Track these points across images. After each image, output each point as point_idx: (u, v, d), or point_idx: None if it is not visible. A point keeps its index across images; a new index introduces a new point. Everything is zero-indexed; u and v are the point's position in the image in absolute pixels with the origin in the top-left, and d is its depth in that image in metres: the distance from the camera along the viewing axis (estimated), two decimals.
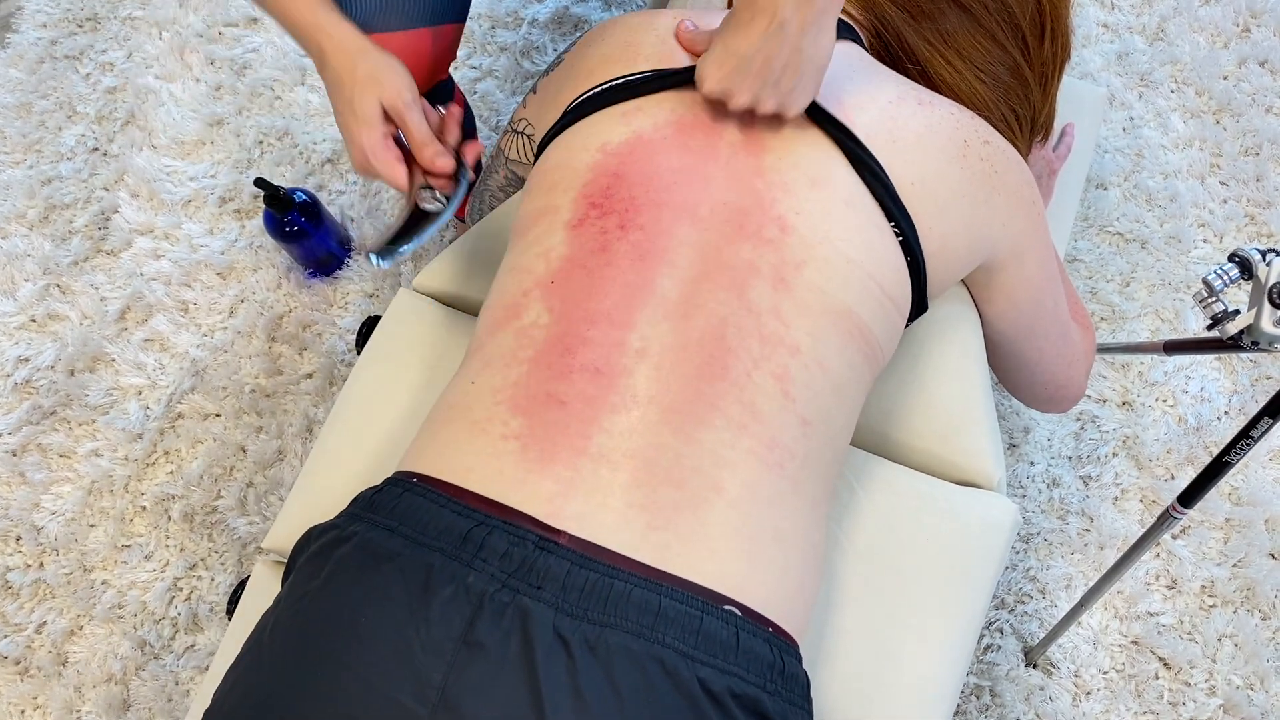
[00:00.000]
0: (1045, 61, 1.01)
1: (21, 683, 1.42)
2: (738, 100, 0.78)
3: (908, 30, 0.96)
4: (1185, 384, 1.47)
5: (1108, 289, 1.53)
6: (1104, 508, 1.41)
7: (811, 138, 0.82)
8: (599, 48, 0.91)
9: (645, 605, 0.67)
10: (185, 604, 1.44)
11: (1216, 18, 1.71)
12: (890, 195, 0.80)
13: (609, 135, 0.83)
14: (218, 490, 1.50)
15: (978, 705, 1.32)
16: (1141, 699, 1.32)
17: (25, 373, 1.59)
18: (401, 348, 1.03)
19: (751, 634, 0.69)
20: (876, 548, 0.91)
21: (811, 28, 0.74)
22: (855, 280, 0.79)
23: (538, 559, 0.68)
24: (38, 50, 1.84)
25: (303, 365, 1.56)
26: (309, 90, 1.75)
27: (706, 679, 0.66)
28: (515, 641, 0.65)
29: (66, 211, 1.71)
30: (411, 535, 0.70)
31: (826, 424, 0.78)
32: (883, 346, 0.83)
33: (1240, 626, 1.34)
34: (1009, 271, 0.93)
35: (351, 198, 1.66)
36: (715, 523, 0.71)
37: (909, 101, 0.85)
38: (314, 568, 0.72)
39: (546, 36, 1.78)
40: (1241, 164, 1.60)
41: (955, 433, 0.96)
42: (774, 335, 0.76)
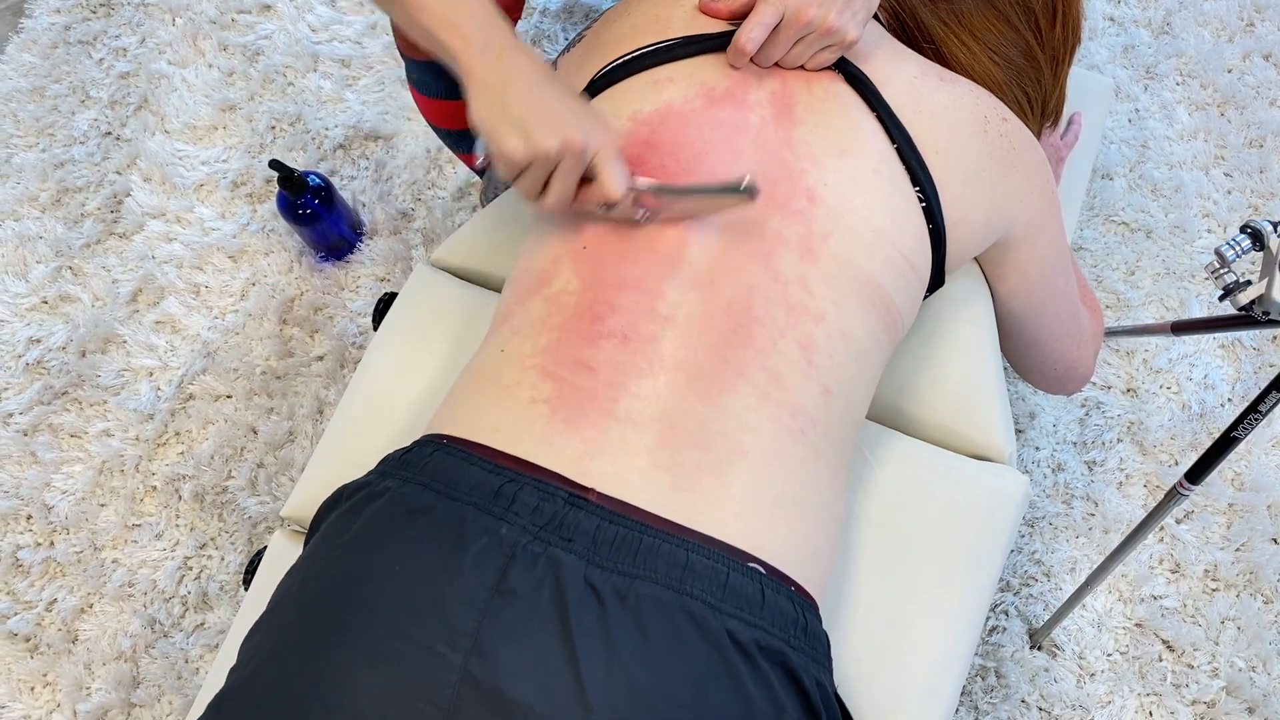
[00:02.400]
0: (1057, 45, 1.03)
1: (32, 659, 1.43)
2: (808, 12, 0.79)
3: (924, 10, 0.98)
4: (1189, 371, 1.48)
5: (1113, 277, 1.55)
6: (1109, 492, 1.42)
7: (844, 104, 0.83)
8: (627, 19, 0.92)
9: (673, 559, 0.68)
10: (195, 583, 1.45)
11: (1221, 12, 1.73)
12: (918, 159, 0.82)
13: (640, 104, 0.84)
14: (228, 471, 1.51)
15: (983, 686, 1.33)
16: (1145, 680, 1.33)
17: (37, 353, 1.60)
18: (420, 321, 1.04)
19: (775, 591, 0.71)
20: (889, 519, 0.92)
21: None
22: (880, 250, 0.80)
23: (568, 514, 0.69)
24: (51, 35, 1.85)
25: (314, 348, 1.57)
26: (321, 76, 1.76)
27: (734, 630, 0.67)
28: (548, 590, 0.66)
29: (79, 195, 1.72)
30: (444, 490, 0.71)
31: (847, 393, 0.80)
32: (904, 316, 0.85)
33: (1243, 610, 1.35)
34: (1023, 249, 0.94)
35: (363, 182, 1.67)
36: (738, 485, 0.72)
37: (931, 77, 0.87)
38: (345, 523, 0.73)
39: (558, 25, 1.79)
40: (1245, 156, 1.62)
41: (967, 407, 0.98)
42: (799, 304, 0.77)
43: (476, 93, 0.76)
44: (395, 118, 1.72)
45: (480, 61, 0.76)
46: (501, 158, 0.76)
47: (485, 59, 0.76)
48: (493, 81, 0.76)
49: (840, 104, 0.83)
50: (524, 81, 0.75)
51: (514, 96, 0.75)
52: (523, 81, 0.75)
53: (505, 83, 0.75)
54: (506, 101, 0.75)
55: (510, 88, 0.75)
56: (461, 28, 0.76)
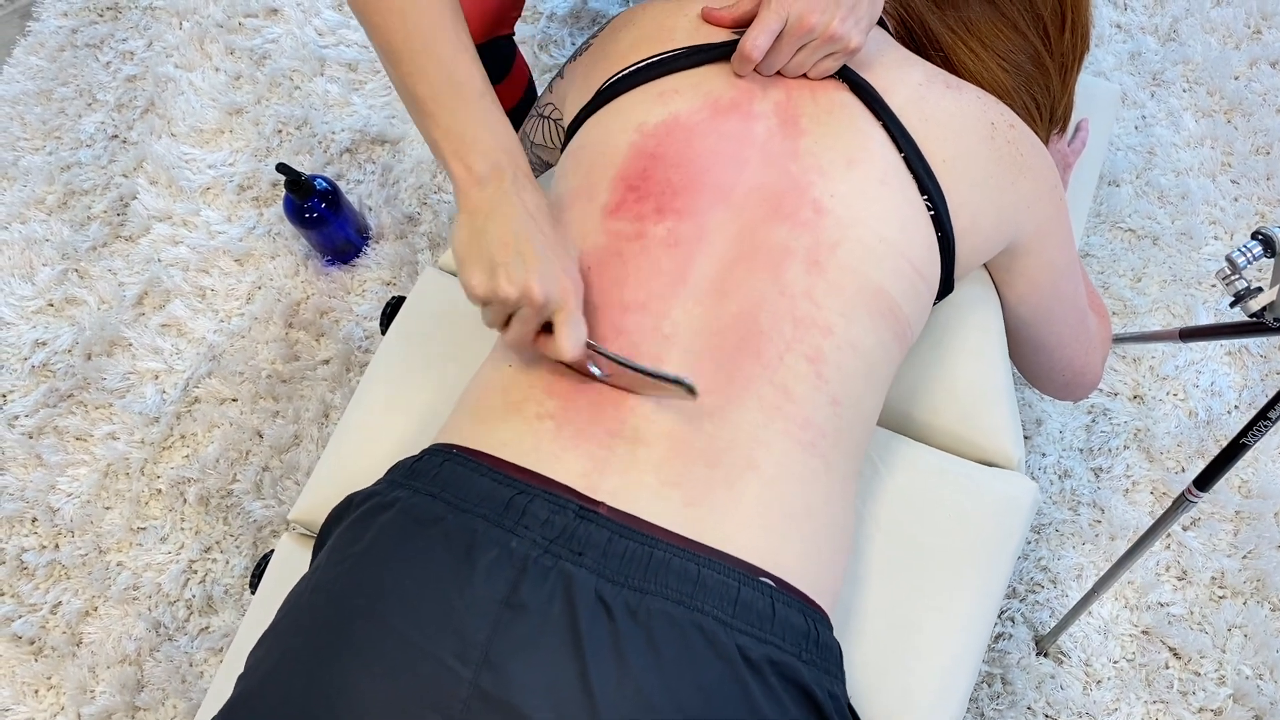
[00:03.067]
0: (1065, 52, 1.03)
1: (36, 662, 1.43)
2: (811, 18, 0.79)
3: (932, 17, 0.98)
4: (1196, 378, 1.48)
5: (1120, 284, 1.55)
6: (1115, 499, 1.42)
7: (849, 114, 0.83)
8: (632, 29, 0.92)
9: (684, 574, 0.68)
10: (200, 586, 1.45)
11: (1228, 19, 1.73)
12: (924, 167, 0.82)
13: (645, 116, 0.84)
14: (233, 474, 1.50)
15: (989, 693, 1.33)
16: (1152, 688, 1.33)
17: (43, 356, 1.60)
18: (428, 325, 1.04)
19: (786, 604, 0.70)
20: (899, 525, 0.92)
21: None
22: (888, 259, 0.80)
23: (578, 527, 0.69)
24: (59, 38, 1.86)
25: (320, 351, 1.57)
26: (328, 81, 1.76)
27: (745, 646, 0.67)
28: (558, 604, 0.66)
29: (85, 197, 1.72)
30: (454, 501, 0.71)
31: (857, 404, 0.80)
32: (912, 324, 0.84)
33: (1250, 617, 1.35)
34: (1032, 255, 0.94)
35: (370, 186, 1.67)
36: (749, 499, 0.72)
37: (937, 84, 0.87)
38: (356, 532, 0.73)
39: (564, 30, 1.79)
40: (1252, 163, 1.62)
41: (976, 412, 0.98)
42: (807, 317, 0.77)
43: (461, 220, 0.76)
44: (402, 122, 1.72)
45: (475, 192, 0.76)
46: (465, 288, 0.75)
47: (480, 191, 0.76)
48: (479, 213, 0.75)
49: (846, 113, 0.83)
50: (506, 221, 0.75)
51: (493, 234, 0.74)
52: (507, 221, 0.75)
53: (489, 218, 0.75)
54: (484, 237, 0.74)
55: (491, 224, 0.75)
56: (466, 154, 0.76)
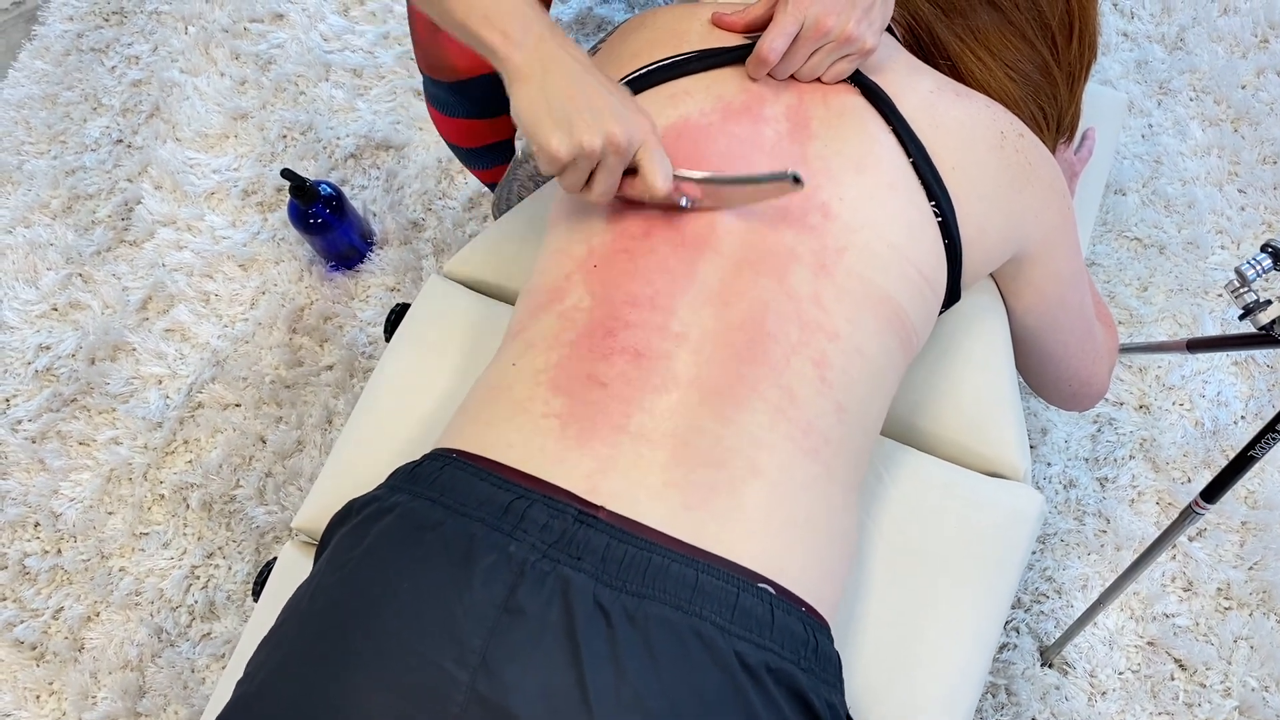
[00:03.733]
0: (1073, 61, 1.03)
1: (38, 668, 1.42)
2: (827, 21, 0.79)
3: (940, 26, 0.97)
4: (1202, 388, 1.47)
5: (1126, 293, 1.54)
6: (1120, 509, 1.41)
7: (860, 118, 0.83)
8: (644, 33, 0.92)
9: (683, 579, 0.68)
10: (202, 592, 1.45)
11: (1235, 28, 1.72)
12: (933, 174, 0.81)
13: (657, 119, 0.84)
14: (236, 480, 1.50)
15: (993, 704, 1.32)
16: (1157, 699, 1.32)
17: (46, 360, 1.60)
18: (433, 333, 1.03)
19: (786, 612, 0.70)
20: (903, 536, 0.92)
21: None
22: (895, 266, 0.80)
23: (578, 532, 0.69)
24: (64, 43, 1.86)
25: (323, 357, 1.57)
26: (333, 86, 1.77)
27: (743, 653, 0.67)
28: (556, 609, 0.66)
29: (90, 202, 1.72)
30: (453, 506, 0.70)
31: (862, 410, 0.79)
32: (918, 332, 0.84)
33: (1256, 629, 1.34)
34: (1039, 265, 0.94)
35: (374, 192, 1.67)
36: (751, 504, 0.72)
37: (947, 92, 0.87)
38: (356, 537, 0.73)
39: (571, 37, 1.79)
40: (1259, 171, 1.61)
41: (982, 423, 0.97)
42: (813, 321, 0.76)
43: (517, 87, 0.75)
44: (407, 127, 1.72)
45: (520, 54, 0.74)
46: (544, 154, 0.74)
47: (524, 52, 0.74)
48: (533, 75, 0.74)
49: (856, 118, 0.83)
50: (565, 74, 0.74)
51: (555, 91, 0.74)
52: (564, 74, 0.74)
53: (546, 76, 0.74)
54: (548, 96, 0.74)
55: (551, 81, 0.74)
56: (499, 21, 0.75)
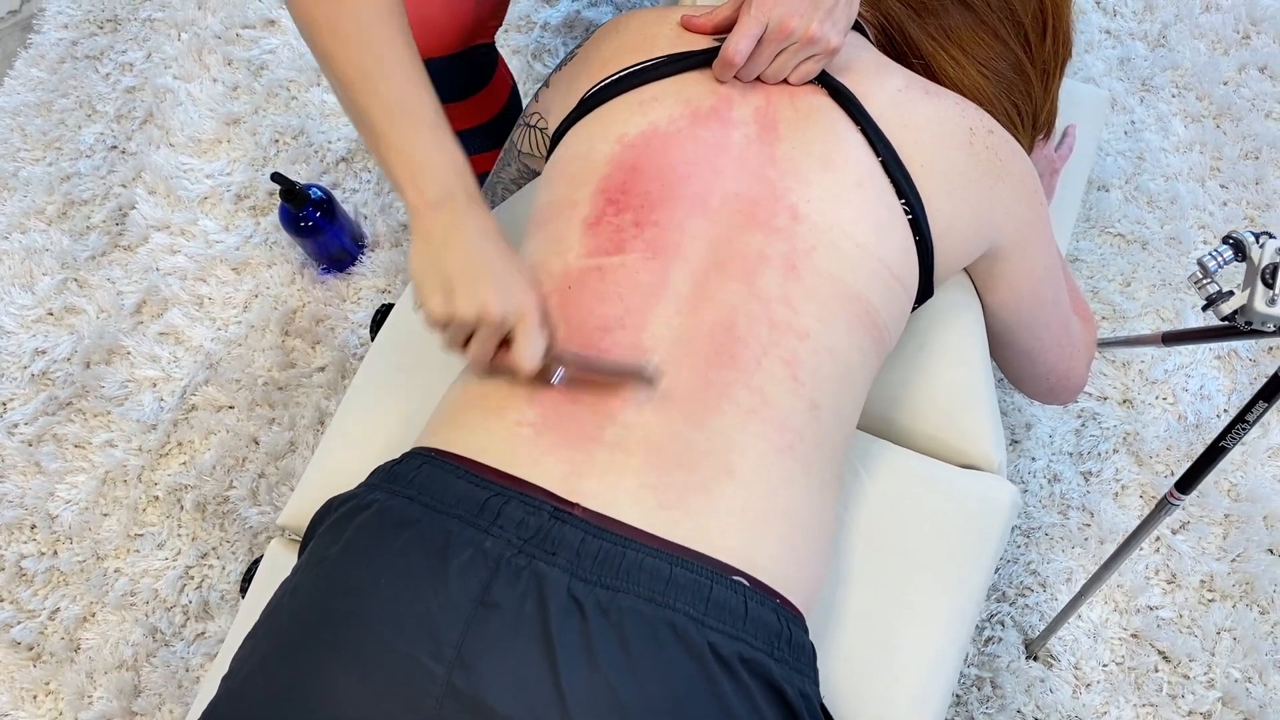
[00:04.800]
0: (1047, 58, 1.04)
1: (34, 668, 1.44)
2: (790, 22, 0.80)
3: (912, 26, 0.99)
4: (1185, 382, 1.48)
5: (1109, 289, 1.55)
6: (1104, 503, 1.42)
7: (827, 118, 0.84)
8: (615, 39, 0.93)
9: (657, 573, 0.69)
10: (196, 592, 1.46)
11: (1217, 25, 1.74)
12: (901, 172, 0.83)
13: (626, 126, 0.85)
14: (230, 481, 1.52)
15: (979, 696, 1.34)
16: (1141, 691, 1.33)
17: (42, 364, 1.61)
18: (415, 333, 1.05)
19: (759, 603, 0.71)
20: (879, 528, 0.93)
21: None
22: (864, 264, 0.81)
23: (553, 528, 0.70)
24: (59, 50, 1.88)
25: (315, 359, 1.59)
26: (324, 90, 1.78)
27: (716, 643, 0.68)
28: (531, 603, 0.67)
29: (85, 207, 1.74)
30: (430, 503, 0.72)
31: (835, 407, 0.80)
32: (890, 329, 0.85)
33: (1239, 620, 1.35)
34: (1012, 260, 0.95)
35: (365, 195, 1.69)
36: (725, 501, 0.73)
37: (916, 90, 0.88)
38: (334, 534, 0.74)
39: (558, 40, 1.81)
40: (1241, 167, 1.62)
41: (956, 416, 0.98)
42: (783, 322, 0.78)
43: (417, 244, 0.77)
44: None
45: (428, 215, 0.77)
46: (424, 311, 0.77)
47: (432, 213, 0.77)
48: (434, 237, 0.76)
49: (824, 118, 0.84)
50: (462, 243, 0.76)
51: (449, 256, 0.76)
52: (461, 243, 0.76)
53: (444, 241, 0.76)
54: (441, 260, 0.76)
55: (448, 247, 0.76)
56: (419, 177, 0.77)
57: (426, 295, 0.76)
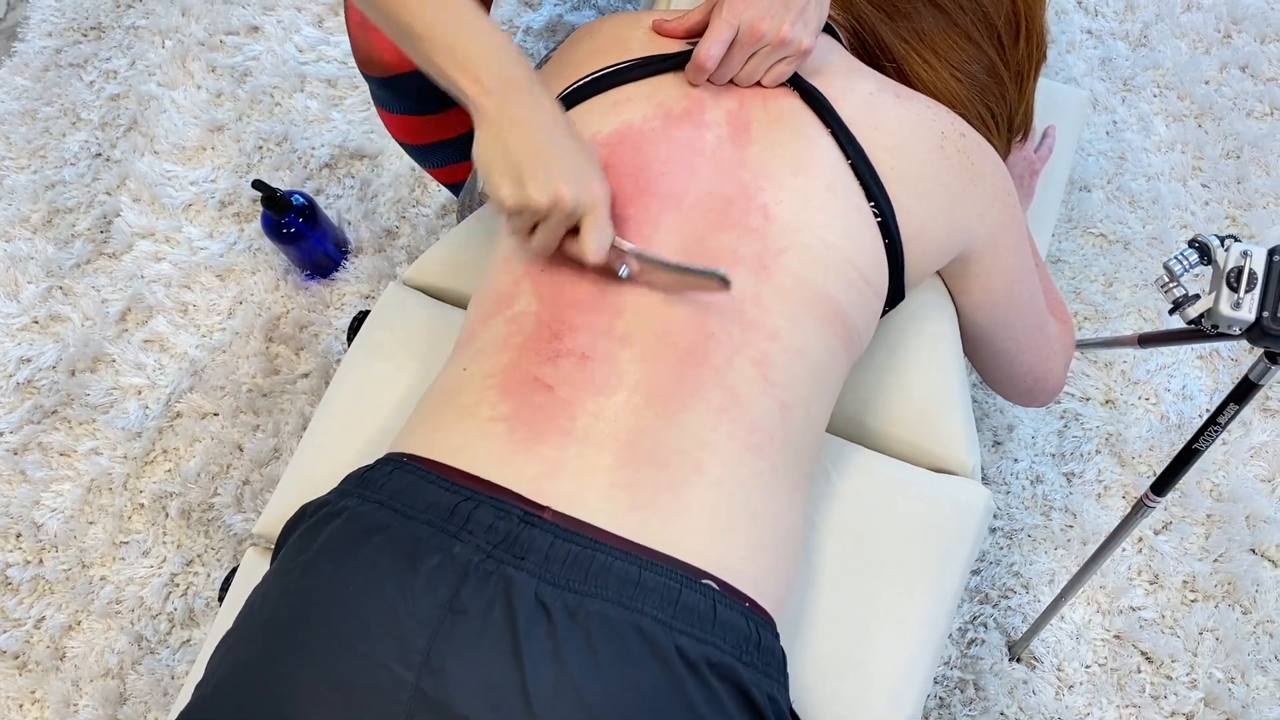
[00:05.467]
0: (1021, 61, 1.04)
1: (20, 677, 1.44)
2: (761, 25, 0.80)
3: (884, 29, 0.99)
4: (1167, 382, 1.49)
5: (1091, 289, 1.55)
6: (1087, 504, 1.42)
7: (798, 121, 0.84)
8: (589, 42, 0.94)
9: (625, 576, 0.69)
10: (182, 599, 1.46)
11: (1198, 24, 1.74)
12: (871, 175, 0.83)
13: (600, 126, 0.85)
14: (215, 488, 1.52)
15: (962, 699, 1.34)
16: (1124, 692, 1.33)
17: (27, 373, 1.62)
18: (391, 339, 1.05)
19: (729, 607, 0.71)
20: (852, 533, 0.93)
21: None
22: (834, 266, 0.81)
23: (522, 532, 0.70)
24: (43, 58, 1.88)
25: (299, 365, 1.59)
26: (308, 97, 1.78)
27: (684, 647, 0.68)
28: (499, 608, 0.67)
29: (69, 215, 1.74)
30: (400, 509, 0.72)
31: (804, 408, 0.81)
32: (860, 332, 0.85)
33: (1221, 620, 1.35)
34: (985, 263, 0.95)
35: (349, 201, 1.69)
36: (695, 502, 0.73)
37: (887, 94, 0.88)
38: (305, 541, 0.74)
39: (541, 44, 1.81)
40: (1223, 167, 1.62)
41: (930, 420, 0.98)
42: (754, 321, 0.78)
43: (481, 131, 0.76)
44: (380, 137, 1.74)
45: (490, 102, 0.75)
46: (494, 199, 0.76)
47: (495, 99, 0.75)
48: (499, 123, 0.75)
49: (795, 121, 0.85)
50: (529, 127, 0.75)
51: (516, 141, 0.75)
52: (528, 127, 0.75)
53: (510, 125, 0.75)
54: (508, 145, 0.75)
55: (514, 132, 0.75)
56: (473, 66, 0.76)
57: (497, 183, 0.75)
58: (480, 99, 0.76)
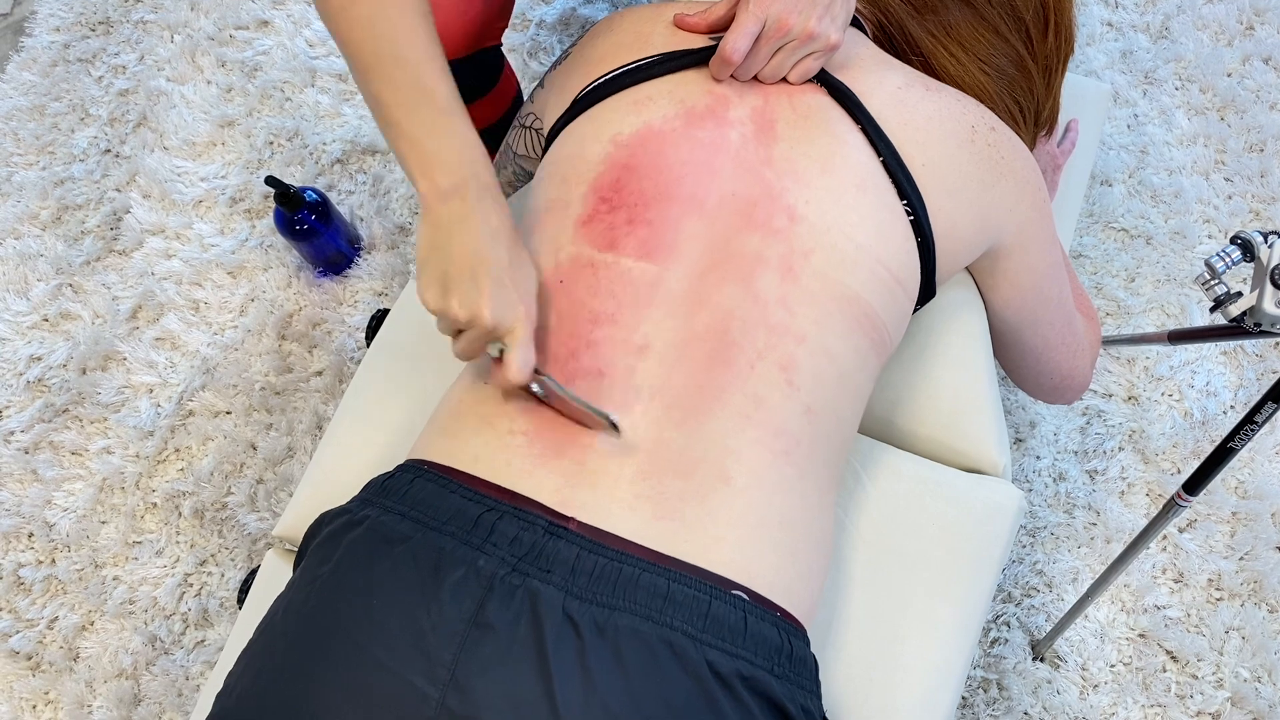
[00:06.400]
0: (1049, 54, 1.02)
1: (34, 678, 1.43)
2: (789, 19, 0.79)
3: (911, 23, 0.97)
4: (1191, 378, 1.47)
5: (1113, 284, 1.54)
6: (1110, 501, 1.41)
7: (826, 118, 0.83)
8: (610, 37, 0.92)
9: (654, 589, 0.68)
10: (195, 599, 1.45)
11: (1220, 15, 1.72)
12: (903, 171, 0.81)
13: (620, 126, 0.83)
14: (228, 487, 1.51)
15: (985, 699, 1.32)
16: (1149, 692, 1.32)
17: (38, 371, 1.60)
18: (412, 339, 1.04)
19: (759, 618, 0.70)
20: (882, 534, 0.92)
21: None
22: (864, 266, 0.80)
23: (547, 544, 0.69)
24: (51, 53, 1.86)
25: (312, 363, 1.57)
26: (318, 92, 1.77)
27: (715, 661, 0.67)
28: (525, 623, 0.66)
29: (79, 212, 1.72)
30: (423, 519, 0.71)
31: (832, 411, 0.79)
32: (890, 332, 0.84)
33: (1247, 619, 1.34)
34: (1014, 258, 0.94)
35: (361, 197, 1.68)
36: (722, 511, 0.72)
37: (916, 88, 0.87)
38: (326, 552, 0.73)
39: (554, 38, 1.79)
40: (1246, 160, 1.61)
41: (960, 419, 0.97)
42: (780, 325, 0.76)
43: (423, 231, 0.76)
44: None
45: (437, 204, 0.75)
46: (420, 299, 0.76)
47: (444, 204, 0.74)
48: (440, 227, 0.74)
49: (823, 118, 0.83)
50: (468, 240, 0.74)
51: (452, 250, 0.74)
52: (467, 239, 0.74)
53: (450, 233, 0.74)
54: (444, 251, 0.74)
55: (452, 240, 0.74)
56: (433, 165, 0.75)
57: (424, 285, 0.74)
58: (429, 198, 0.75)
